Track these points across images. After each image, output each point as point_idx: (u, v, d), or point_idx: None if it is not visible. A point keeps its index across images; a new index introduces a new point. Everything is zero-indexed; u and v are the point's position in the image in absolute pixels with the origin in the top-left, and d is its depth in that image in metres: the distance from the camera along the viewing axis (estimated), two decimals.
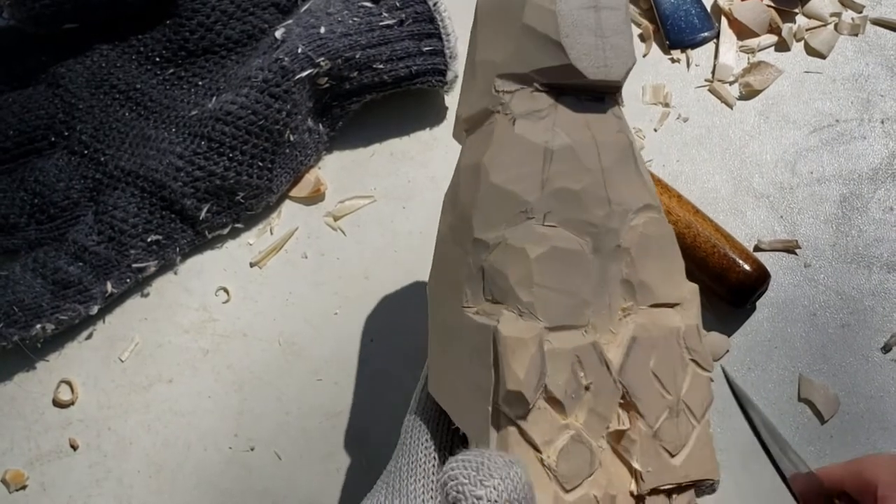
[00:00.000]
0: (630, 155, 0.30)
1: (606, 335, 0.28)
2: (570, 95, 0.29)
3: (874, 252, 0.47)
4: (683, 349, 0.29)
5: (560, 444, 0.27)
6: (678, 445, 0.28)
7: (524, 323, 0.27)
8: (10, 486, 0.43)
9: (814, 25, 0.51)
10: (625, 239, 0.29)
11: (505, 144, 0.29)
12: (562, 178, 0.28)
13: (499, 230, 0.28)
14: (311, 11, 0.46)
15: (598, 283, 0.28)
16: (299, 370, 0.45)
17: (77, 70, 0.46)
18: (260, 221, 0.47)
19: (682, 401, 0.29)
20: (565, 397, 0.27)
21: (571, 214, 0.28)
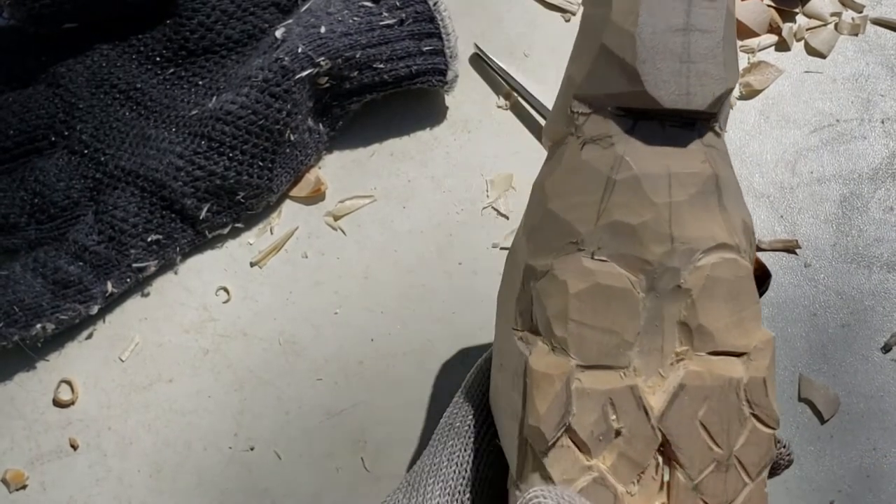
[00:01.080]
0: (711, 189, 0.28)
1: (654, 378, 0.27)
2: (651, 121, 0.28)
3: (874, 252, 0.47)
4: (743, 402, 0.27)
5: (580, 485, 0.26)
6: (723, 501, 0.27)
7: (554, 358, 0.27)
8: (10, 486, 0.43)
9: (814, 25, 0.51)
10: (687, 279, 0.27)
11: (569, 169, 0.28)
12: (620, 211, 0.27)
13: (548, 258, 0.28)
14: (311, 11, 0.46)
15: (650, 325, 0.27)
16: (299, 370, 0.45)
17: (77, 70, 0.46)
18: (260, 221, 0.47)
19: (734, 456, 0.27)
20: (591, 439, 0.26)
21: (625, 250, 0.27)
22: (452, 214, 0.47)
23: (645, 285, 0.27)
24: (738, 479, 0.27)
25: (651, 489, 0.27)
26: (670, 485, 0.27)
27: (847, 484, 0.43)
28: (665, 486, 0.27)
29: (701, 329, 0.27)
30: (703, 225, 0.27)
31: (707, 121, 0.28)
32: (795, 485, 0.43)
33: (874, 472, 0.43)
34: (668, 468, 0.27)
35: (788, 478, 0.43)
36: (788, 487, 0.43)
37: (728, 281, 0.28)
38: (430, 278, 0.46)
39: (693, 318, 0.27)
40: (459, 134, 0.49)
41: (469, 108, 0.49)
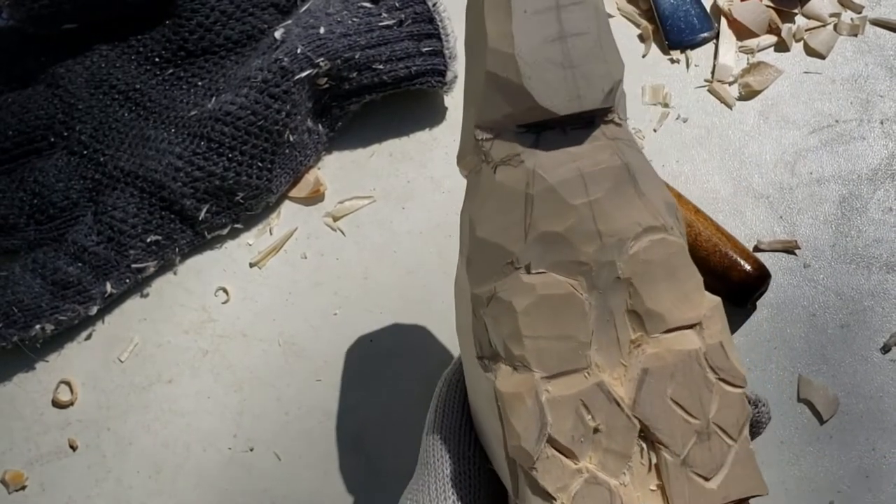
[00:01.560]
0: (625, 178, 0.28)
1: (618, 370, 0.28)
2: (553, 129, 0.29)
3: (873, 252, 0.47)
4: (707, 370, 0.28)
5: (574, 489, 0.27)
6: (713, 468, 0.28)
7: (519, 376, 0.27)
8: (9, 487, 0.43)
9: (813, 26, 0.51)
10: (624, 269, 0.28)
11: (488, 195, 0.29)
12: (544, 222, 0.28)
13: (490, 283, 0.28)
14: (310, 12, 0.46)
15: (601, 320, 0.28)
16: (299, 370, 0.45)
17: (76, 70, 0.46)
18: (259, 222, 0.47)
19: (712, 423, 0.28)
20: (573, 443, 0.27)
21: (559, 257, 0.28)
22: (452, 215, 0.47)
23: (586, 285, 0.28)
24: (722, 444, 0.28)
25: (642, 474, 0.27)
26: (659, 466, 0.28)
27: (846, 484, 0.43)
28: (654, 469, 0.28)
29: (649, 312, 0.28)
30: (625, 214, 0.28)
31: (604, 115, 0.29)
32: (795, 485, 0.43)
33: (873, 473, 0.43)
34: (654, 451, 0.28)
35: (787, 478, 0.43)
36: (787, 488, 0.43)
37: (663, 260, 0.28)
38: (430, 279, 0.46)
39: (639, 303, 0.28)
40: (458, 135, 0.49)
41: None
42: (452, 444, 0.31)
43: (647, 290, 0.28)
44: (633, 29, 0.52)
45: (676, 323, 0.28)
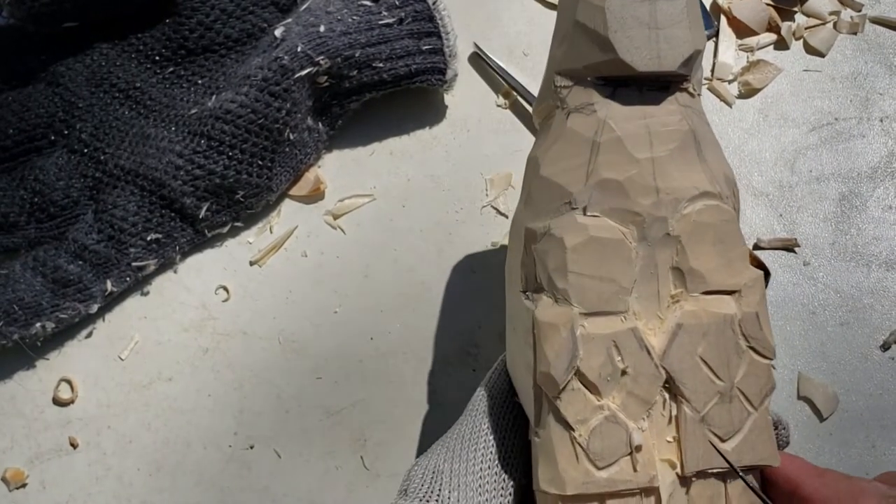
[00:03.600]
0: (690, 143, 0.30)
1: (653, 321, 0.29)
2: (629, 87, 0.30)
3: (873, 250, 0.47)
4: (739, 336, 0.29)
5: (593, 424, 0.28)
6: (730, 431, 0.29)
7: (559, 309, 0.29)
8: (10, 485, 0.43)
9: (813, 24, 0.51)
10: (675, 227, 0.29)
11: (558, 139, 0.31)
12: (606, 169, 0.29)
13: (546, 220, 0.30)
14: (310, 10, 0.46)
15: (645, 272, 0.29)
16: (299, 368, 0.45)
17: (77, 69, 0.46)
18: (260, 220, 0.47)
19: (735, 387, 0.29)
20: (599, 380, 0.28)
21: (614, 204, 0.29)
22: (452, 213, 0.47)
23: (636, 235, 0.29)
24: (742, 409, 0.29)
25: (661, 424, 0.29)
26: (678, 419, 0.29)
27: None
28: (674, 421, 0.29)
29: (692, 272, 0.29)
30: (685, 176, 0.30)
31: (680, 83, 0.31)
32: None
33: (873, 470, 0.43)
34: (675, 403, 0.29)
35: None
36: None
37: (714, 225, 0.30)
38: (430, 277, 0.46)
39: (684, 262, 0.29)
40: (459, 133, 0.49)
41: (468, 107, 0.49)
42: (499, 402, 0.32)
43: (693, 249, 0.29)
44: None
45: (717, 286, 0.30)
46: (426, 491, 0.30)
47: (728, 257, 0.30)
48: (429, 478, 0.31)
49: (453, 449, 0.31)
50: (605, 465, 0.28)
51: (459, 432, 0.32)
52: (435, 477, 0.30)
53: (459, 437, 0.32)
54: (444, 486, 0.30)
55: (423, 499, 0.30)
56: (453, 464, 0.31)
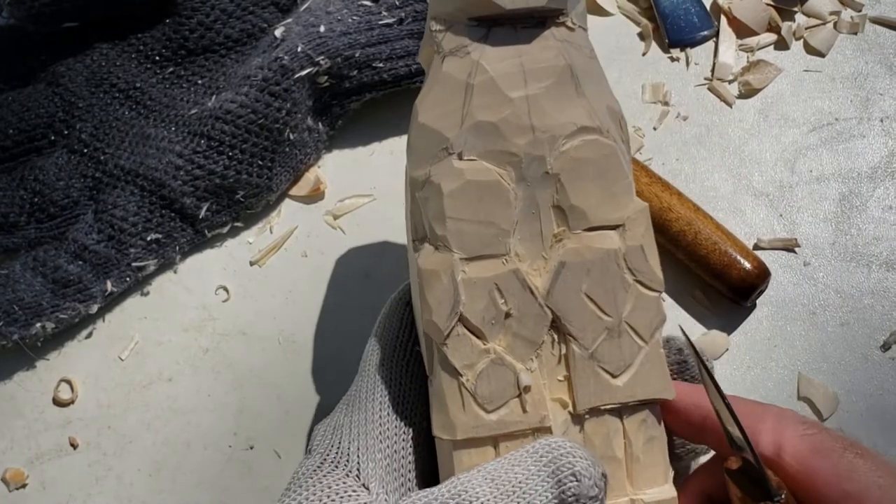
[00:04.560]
0: (567, 78, 0.29)
1: (538, 262, 0.29)
2: (503, 26, 0.30)
3: (873, 250, 0.47)
4: (625, 271, 0.29)
5: (480, 368, 0.28)
6: (621, 366, 0.29)
7: (440, 255, 0.29)
8: (9, 485, 0.43)
9: (813, 24, 0.51)
10: (553, 165, 0.29)
11: (434, 84, 0.30)
12: (481, 112, 0.29)
13: (426, 167, 0.30)
14: (310, 10, 0.46)
15: (526, 212, 0.29)
16: (299, 369, 0.45)
17: (77, 69, 0.46)
18: (260, 220, 0.47)
19: (624, 322, 0.29)
20: (483, 323, 0.28)
21: (490, 146, 0.29)
22: None
23: (515, 176, 0.29)
24: (633, 344, 0.29)
25: (551, 364, 0.29)
26: (567, 357, 0.29)
27: None
28: (563, 360, 0.29)
29: (573, 209, 0.29)
30: (562, 112, 0.29)
31: (556, 17, 0.30)
32: None
33: None
34: (564, 343, 0.29)
35: None
36: None
37: (593, 160, 0.29)
38: None
39: (564, 199, 0.29)
40: None
41: None
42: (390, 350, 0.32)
43: (573, 186, 0.29)
44: (633, 27, 0.52)
45: (599, 222, 0.30)
46: (327, 446, 0.30)
47: (610, 192, 0.30)
48: (329, 433, 0.31)
49: (352, 404, 0.31)
50: (495, 408, 0.28)
51: (357, 387, 0.32)
52: (335, 432, 0.31)
53: (356, 391, 0.32)
54: (343, 438, 0.30)
55: (323, 454, 0.30)
56: (352, 416, 0.31)
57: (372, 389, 0.31)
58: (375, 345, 0.33)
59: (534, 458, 0.27)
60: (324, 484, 0.28)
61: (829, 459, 0.27)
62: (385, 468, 0.29)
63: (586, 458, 0.26)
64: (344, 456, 0.29)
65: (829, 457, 0.27)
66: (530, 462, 0.26)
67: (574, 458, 0.26)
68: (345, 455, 0.29)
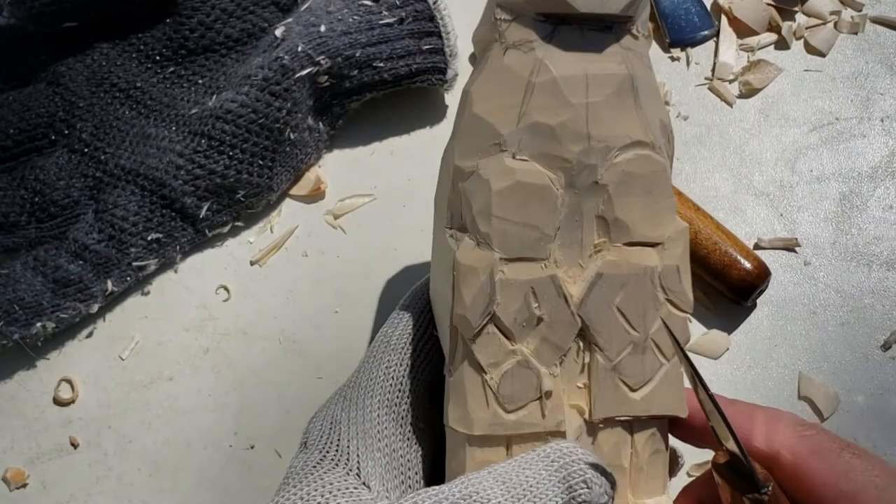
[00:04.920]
0: (627, 89, 0.29)
1: (574, 269, 0.29)
2: (571, 26, 0.29)
3: (874, 250, 0.47)
4: (658, 289, 0.29)
5: (505, 368, 0.28)
6: (640, 381, 0.29)
7: (480, 252, 0.29)
8: (10, 485, 0.43)
9: (813, 24, 0.51)
10: (604, 175, 0.29)
11: (492, 74, 0.30)
12: (539, 113, 0.29)
13: (474, 159, 0.29)
14: (311, 10, 0.46)
15: (570, 219, 0.29)
16: (300, 368, 0.45)
17: (77, 68, 0.46)
18: (260, 220, 0.47)
19: (650, 338, 0.29)
20: (514, 325, 0.28)
21: (544, 149, 0.29)
22: None
23: (564, 182, 0.29)
24: (655, 360, 0.29)
25: (573, 371, 0.29)
26: (590, 366, 0.29)
27: None
28: (586, 368, 0.29)
29: (617, 222, 0.29)
30: (619, 123, 0.29)
31: (624, 24, 0.30)
32: None
33: None
34: (589, 352, 0.29)
35: None
36: None
37: (643, 176, 0.29)
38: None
39: (610, 211, 0.29)
40: None
41: None
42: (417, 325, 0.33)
43: (620, 199, 0.29)
44: None
45: (640, 238, 0.30)
46: (325, 442, 0.30)
47: (654, 209, 0.30)
48: (327, 428, 0.31)
49: (350, 398, 0.31)
50: (514, 409, 0.28)
51: (357, 380, 0.32)
52: (333, 427, 0.30)
53: (357, 384, 0.32)
54: (342, 435, 0.30)
55: (322, 450, 0.30)
56: (350, 412, 0.30)
57: (371, 385, 0.31)
58: (383, 338, 0.33)
59: (545, 463, 0.27)
60: (325, 481, 0.28)
61: (826, 459, 0.27)
62: (385, 466, 0.29)
63: (598, 465, 0.26)
64: (344, 454, 0.29)
65: (826, 457, 0.27)
66: (542, 466, 0.27)
67: (586, 466, 0.26)
68: (344, 453, 0.29)
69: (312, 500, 0.27)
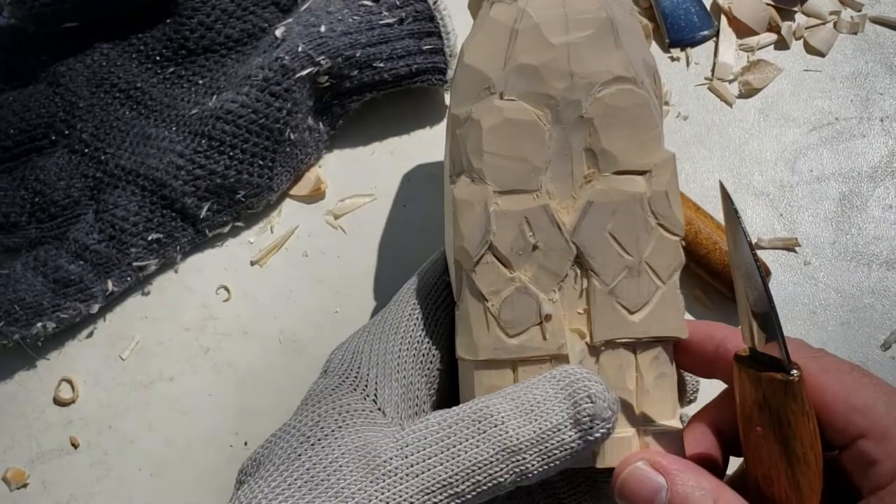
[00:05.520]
0: (607, 30, 0.31)
1: (567, 200, 0.31)
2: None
3: (873, 250, 0.47)
4: (648, 214, 0.31)
5: (505, 295, 0.30)
6: (638, 303, 0.30)
7: (474, 187, 0.31)
8: (11, 485, 0.43)
9: (813, 24, 0.51)
10: (588, 109, 0.31)
11: (481, 28, 0.32)
12: (523, 55, 0.31)
13: (468, 105, 0.31)
14: (311, 10, 0.46)
15: (560, 153, 0.31)
16: (300, 368, 0.45)
17: (77, 69, 0.46)
18: (260, 220, 0.47)
19: (644, 262, 0.31)
20: (511, 254, 0.30)
21: (530, 88, 0.31)
22: None
23: (551, 118, 0.31)
24: (650, 283, 0.31)
25: (572, 296, 0.31)
26: (588, 291, 0.30)
27: None
28: (584, 294, 0.31)
29: (604, 152, 0.31)
30: (600, 61, 0.31)
31: None
32: None
33: None
34: (586, 278, 0.30)
35: None
36: None
37: (626, 108, 0.31)
38: None
39: (597, 143, 0.31)
40: None
41: None
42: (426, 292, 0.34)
43: (606, 131, 0.31)
44: None
45: (628, 166, 0.31)
46: (345, 369, 0.31)
47: (640, 139, 0.31)
48: (349, 358, 0.32)
49: (374, 332, 0.33)
50: (516, 333, 0.30)
51: (382, 318, 0.33)
52: (355, 357, 0.32)
53: (382, 321, 0.33)
54: (363, 364, 0.31)
55: (342, 375, 0.31)
56: (373, 345, 0.32)
57: (397, 323, 0.33)
58: (414, 280, 0.35)
59: (552, 382, 0.28)
60: (342, 402, 0.29)
61: (837, 377, 0.28)
62: (401, 396, 0.31)
63: (601, 383, 0.28)
64: (363, 381, 0.31)
65: (836, 375, 0.28)
66: (549, 385, 0.28)
67: (590, 382, 0.28)
68: (363, 380, 0.31)
69: (329, 418, 0.28)
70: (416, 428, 0.28)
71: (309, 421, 0.29)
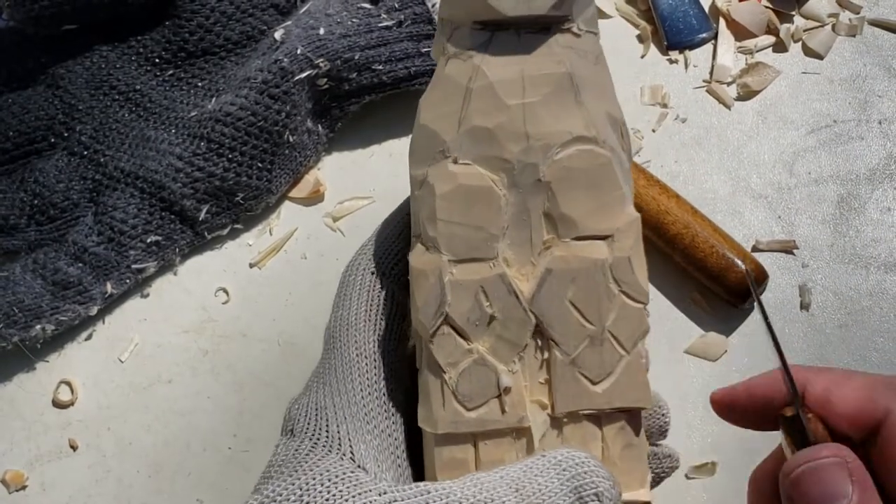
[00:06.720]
0: (566, 87, 0.30)
1: (526, 267, 0.30)
2: (507, 31, 0.30)
3: (872, 252, 0.47)
4: (611, 281, 0.30)
5: (463, 367, 0.29)
6: (601, 374, 0.30)
7: (429, 256, 0.30)
8: (9, 487, 0.43)
9: (811, 26, 0.51)
10: (546, 173, 0.30)
11: (437, 85, 0.31)
12: (477, 117, 0.30)
13: (424, 167, 0.31)
14: (310, 13, 0.46)
15: (518, 218, 0.30)
16: (299, 370, 0.45)
17: (77, 71, 0.46)
18: (259, 222, 0.47)
19: (606, 331, 0.30)
20: (468, 324, 0.29)
21: (484, 152, 0.30)
22: None
23: (507, 182, 0.30)
24: (614, 352, 0.30)
25: (533, 367, 0.30)
26: (549, 361, 0.30)
27: None
28: (546, 364, 0.30)
29: (563, 217, 0.30)
30: (558, 121, 0.30)
31: (561, 24, 0.30)
32: None
33: None
34: (547, 348, 0.30)
35: None
36: None
37: (586, 170, 0.30)
38: None
39: (555, 207, 0.30)
40: None
41: None
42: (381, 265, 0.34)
43: (564, 195, 0.30)
44: (632, 29, 0.52)
45: (588, 231, 0.30)
46: (314, 429, 0.30)
47: (602, 202, 0.30)
48: (313, 416, 0.31)
49: (328, 382, 0.32)
50: (474, 407, 0.29)
51: (330, 364, 0.32)
52: (320, 414, 0.31)
53: (331, 368, 0.32)
54: (330, 421, 0.30)
55: (312, 438, 0.30)
56: (334, 398, 0.31)
57: (347, 367, 0.32)
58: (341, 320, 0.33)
59: (557, 471, 0.27)
60: (321, 468, 0.28)
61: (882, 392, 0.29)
62: (377, 448, 0.30)
63: (609, 479, 0.27)
64: (335, 440, 0.30)
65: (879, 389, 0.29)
66: (554, 474, 0.27)
67: (598, 477, 0.27)
68: (335, 439, 0.30)
69: (313, 490, 0.27)
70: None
71: (291, 495, 0.27)
